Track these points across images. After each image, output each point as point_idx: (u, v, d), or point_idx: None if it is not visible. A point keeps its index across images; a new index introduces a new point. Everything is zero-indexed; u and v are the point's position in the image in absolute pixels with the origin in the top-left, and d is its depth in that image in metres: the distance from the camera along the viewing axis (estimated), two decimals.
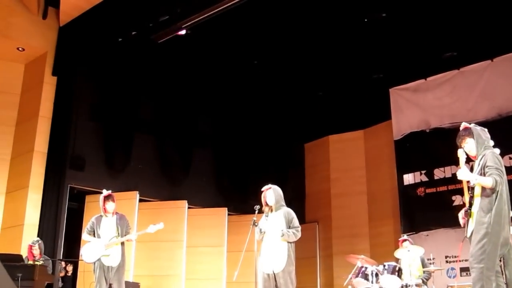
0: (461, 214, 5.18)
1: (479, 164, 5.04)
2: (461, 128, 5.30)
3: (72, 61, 11.05)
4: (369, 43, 11.23)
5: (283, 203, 6.77)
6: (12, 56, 11.20)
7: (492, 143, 5.20)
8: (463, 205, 5.21)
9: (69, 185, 10.79)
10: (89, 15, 10.47)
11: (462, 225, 5.17)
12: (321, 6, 10.20)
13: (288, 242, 6.52)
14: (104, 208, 7.73)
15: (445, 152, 10.95)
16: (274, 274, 6.39)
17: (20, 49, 11.05)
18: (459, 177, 5.04)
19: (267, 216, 6.66)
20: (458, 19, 10.24)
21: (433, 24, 10.50)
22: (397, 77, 12.43)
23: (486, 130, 5.27)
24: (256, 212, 6.67)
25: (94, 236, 7.72)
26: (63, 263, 10.72)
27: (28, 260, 8.73)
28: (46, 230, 10.18)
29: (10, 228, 10.38)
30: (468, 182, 5.08)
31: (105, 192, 7.80)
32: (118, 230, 7.67)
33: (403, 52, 11.44)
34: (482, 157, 5.04)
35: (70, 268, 11.42)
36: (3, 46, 10.91)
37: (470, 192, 5.08)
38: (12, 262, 7.82)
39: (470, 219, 5.02)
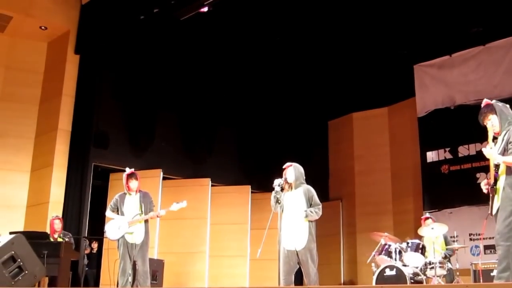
0: (484, 182, 5.06)
1: (502, 140, 4.95)
2: (482, 105, 5.21)
3: (94, 39, 11.06)
4: (393, 19, 11.05)
5: (303, 180, 6.74)
6: (35, 34, 11.27)
7: None
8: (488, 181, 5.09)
9: (93, 163, 10.90)
10: None
11: (485, 191, 5.05)
12: None
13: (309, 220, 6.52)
14: (128, 186, 7.76)
15: (470, 129, 10.80)
16: (296, 251, 6.41)
17: (42, 27, 11.11)
18: (485, 153, 4.97)
19: (281, 187, 6.61)
20: None
21: None
22: (422, 53, 12.24)
23: (508, 106, 5.18)
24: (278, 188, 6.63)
25: (118, 214, 7.77)
26: (88, 240, 10.86)
27: (50, 235, 8.86)
28: (70, 207, 10.31)
29: (36, 206, 10.53)
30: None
31: (128, 170, 7.82)
32: (142, 207, 7.70)
33: (428, 28, 11.24)
34: (506, 132, 4.95)
35: (95, 245, 11.60)
36: (26, 25, 10.98)
37: (495, 168, 4.97)
38: (38, 239, 7.91)
39: (496, 196, 4.93)
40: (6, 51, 11.20)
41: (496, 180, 4.95)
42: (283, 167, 6.81)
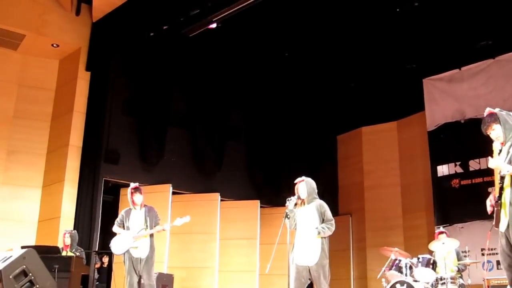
0: (489, 201, 4.84)
1: (508, 152, 4.71)
2: (485, 114, 5.00)
3: (105, 57, 11.19)
4: (402, 33, 11.09)
5: (316, 195, 6.70)
6: (46, 52, 11.41)
7: None
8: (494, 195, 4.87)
9: (103, 179, 10.95)
10: (121, 11, 10.59)
11: (489, 212, 4.83)
12: None
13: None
14: (132, 201, 7.82)
15: (481, 143, 10.66)
16: (308, 267, 6.38)
17: (54, 45, 11.24)
18: (490, 165, 4.75)
19: (292, 202, 6.58)
20: (493, 6, 10.03)
21: (467, 12, 10.31)
22: (431, 67, 12.26)
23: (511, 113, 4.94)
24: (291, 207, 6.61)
25: (124, 229, 7.82)
26: (98, 255, 10.88)
27: (63, 250, 8.89)
28: (81, 222, 10.35)
29: (47, 221, 10.59)
30: (499, 171, 4.73)
31: (132, 184, 7.89)
32: (147, 222, 7.75)
33: (437, 42, 11.27)
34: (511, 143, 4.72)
35: (106, 259, 11.61)
36: (38, 43, 11.12)
37: (500, 181, 4.71)
38: (49, 254, 7.95)
39: (502, 210, 4.67)
40: (19, 69, 11.35)
41: (501, 193, 4.70)
42: (295, 181, 6.75)
